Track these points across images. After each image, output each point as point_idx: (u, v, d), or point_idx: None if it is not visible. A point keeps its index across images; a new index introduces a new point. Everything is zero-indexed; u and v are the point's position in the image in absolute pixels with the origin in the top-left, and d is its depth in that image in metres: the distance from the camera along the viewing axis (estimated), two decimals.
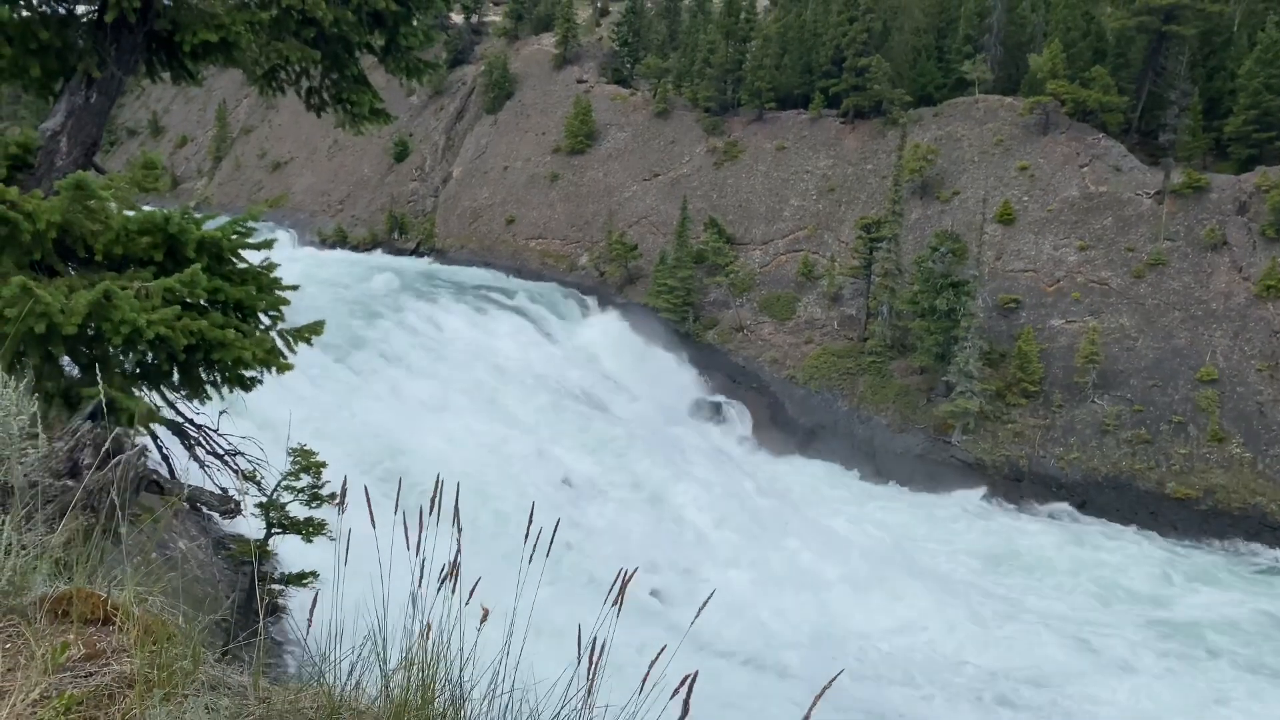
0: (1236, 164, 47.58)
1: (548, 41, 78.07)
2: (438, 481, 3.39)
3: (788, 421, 49.20)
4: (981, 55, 57.31)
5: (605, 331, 53.40)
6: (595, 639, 2.76)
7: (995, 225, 49.25)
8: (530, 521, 3.39)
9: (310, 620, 3.10)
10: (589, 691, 2.69)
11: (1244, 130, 47.39)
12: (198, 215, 8.61)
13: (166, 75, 10.04)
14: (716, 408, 49.84)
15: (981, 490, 42.63)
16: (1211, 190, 45.77)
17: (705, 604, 2.79)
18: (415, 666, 2.82)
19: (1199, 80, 50.40)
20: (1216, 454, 40.27)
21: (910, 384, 47.33)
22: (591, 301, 58.04)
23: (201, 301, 8.22)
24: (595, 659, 2.76)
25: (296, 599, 16.83)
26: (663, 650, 2.71)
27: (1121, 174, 48.54)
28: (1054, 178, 49.98)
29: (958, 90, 56.98)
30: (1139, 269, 45.42)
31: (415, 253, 71.66)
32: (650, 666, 2.66)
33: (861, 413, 47.56)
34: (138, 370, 8.45)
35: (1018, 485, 42.57)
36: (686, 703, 2.52)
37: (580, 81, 73.38)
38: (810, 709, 2.50)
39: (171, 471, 9.42)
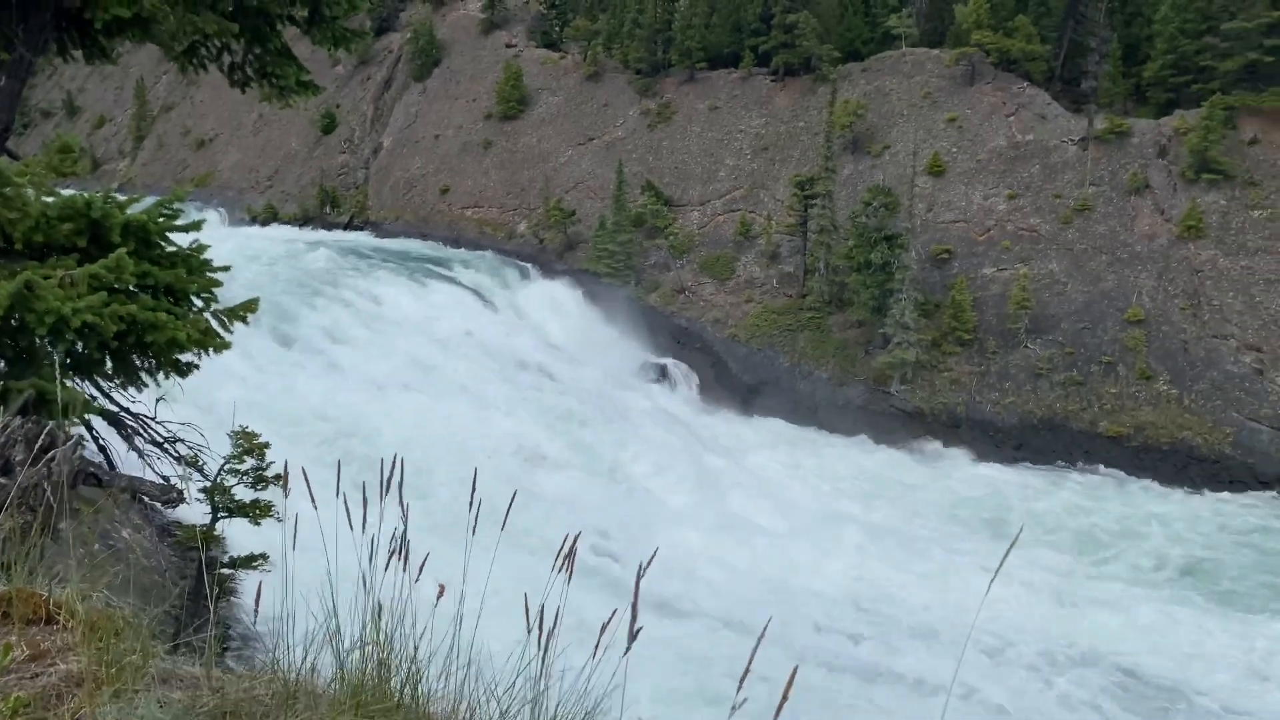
0: (1155, 108, 48.67)
1: (474, 6, 76.71)
2: (392, 460, 3.39)
3: (732, 380, 49.61)
4: (907, 9, 57.67)
5: (547, 299, 53.16)
6: (544, 606, 2.81)
7: (926, 177, 49.84)
8: (473, 490, 3.39)
9: (257, 607, 3.10)
10: (542, 660, 2.73)
11: (1161, 75, 48.46)
12: (121, 198, 8.38)
13: (79, 54, 9.69)
14: (662, 370, 50.03)
15: (923, 438, 43.52)
16: (1133, 135, 46.79)
17: (648, 563, 2.84)
18: (370, 646, 2.83)
19: (1117, 27, 51.32)
20: (1145, 392, 41.54)
21: (849, 338, 47.96)
22: (532, 269, 57.67)
23: (130, 287, 8.03)
24: (545, 626, 2.81)
25: (248, 581, 16.67)
26: (614, 614, 2.76)
27: (1046, 122, 49.37)
28: (981, 128, 50.65)
29: (885, 44, 57.31)
30: (1066, 215, 46.38)
31: (349, 226, 70.41)
32: (602, 631, 2.71)
33: (803, 368, 48.12)
34: (68, 360, 8.24)
35: (956, 431, 43.52)
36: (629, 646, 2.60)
37: (509, 46, 72.33)
38: (749, 661, 2.58)
39: (110, 463, 9.23)
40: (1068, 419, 42.17)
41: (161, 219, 8.30)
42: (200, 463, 11.00)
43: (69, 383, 8.08)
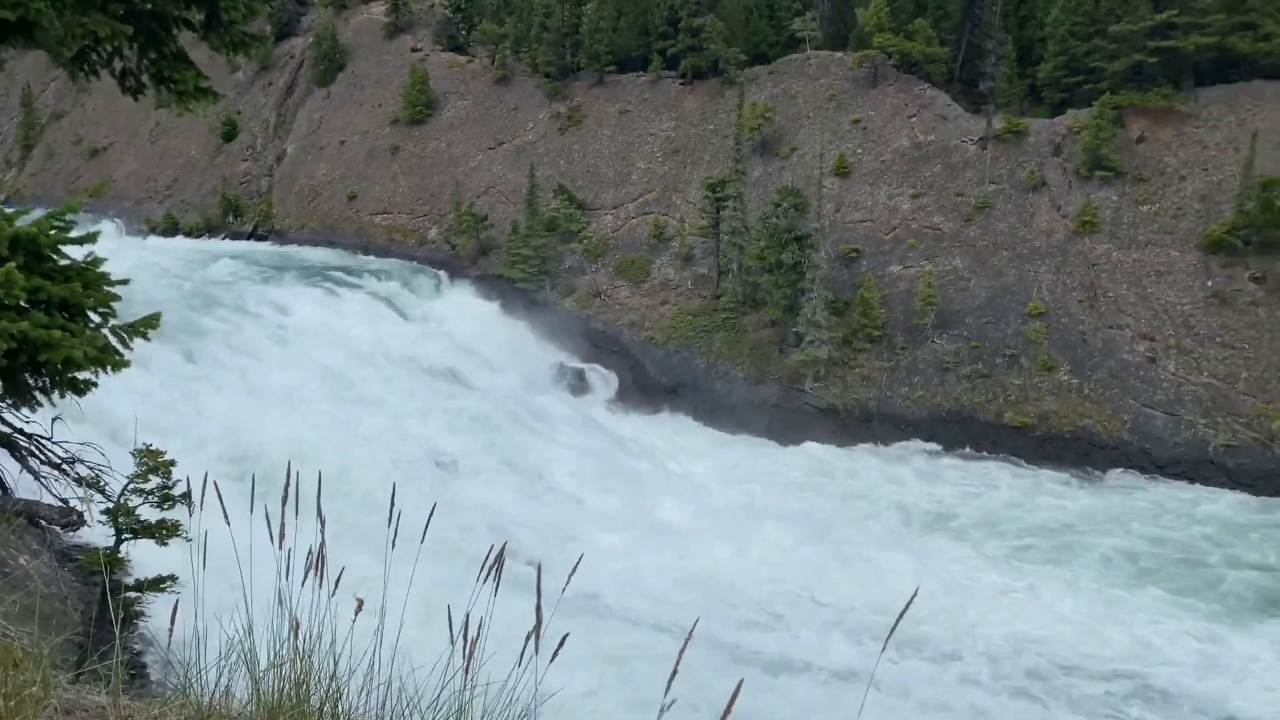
0: (1049, 108, 50.46)
1: (377, 10, 75.51)
2: (294, 473, 3.30)
3: (650, 382, 49.79)
4: (811, 12, 58.66)
5: (461, 305, 52.60)
6: (468, 617, 2.77)
7: (833, 178, 50.79)
8: (392, 505, 3.33)
9: (171, 630, 2.98)
10: (466, 671, 2.69)
11: (1054, 76, 50.27)
12: (9, 210, 8.02)
13: None
14: (580, 374, 49.93)
15: (838, 434, 44.31)
16: (1029, 134, 48.44)
17: (574, 569, 2.83)
18: (287, 665, 2.75)
19: (1012, 30, 53.05)
20: (1047, 382, 43.01)
21: (763, 337, 48.57)
22: (444, 276, 57.00)
23: (21, 303, 7.67)
24: (470, 638, 2.77)
25: (155, 604, 16.09)
26: (539, 624, 2.73)
27: (947, 122, 50.76)
28: (885, 129, 51.83)
29: (790, 48, 58.20)
30: (968, 213, 47.75)
31: (253, 236, 68.62)
32: (527, 640, 2.69)
33: (719, 368, 48.57)
34: None
35: (868, 426, 44.43)
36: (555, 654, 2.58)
37: (415, 50, 71.37)
38: (676, 662, 2.58)
39: (3, 486, 8.82)
40: (975, 411, 43.40)
41: (53, 231, 7.97)
42: (102, 483, 10.60)
43: None
